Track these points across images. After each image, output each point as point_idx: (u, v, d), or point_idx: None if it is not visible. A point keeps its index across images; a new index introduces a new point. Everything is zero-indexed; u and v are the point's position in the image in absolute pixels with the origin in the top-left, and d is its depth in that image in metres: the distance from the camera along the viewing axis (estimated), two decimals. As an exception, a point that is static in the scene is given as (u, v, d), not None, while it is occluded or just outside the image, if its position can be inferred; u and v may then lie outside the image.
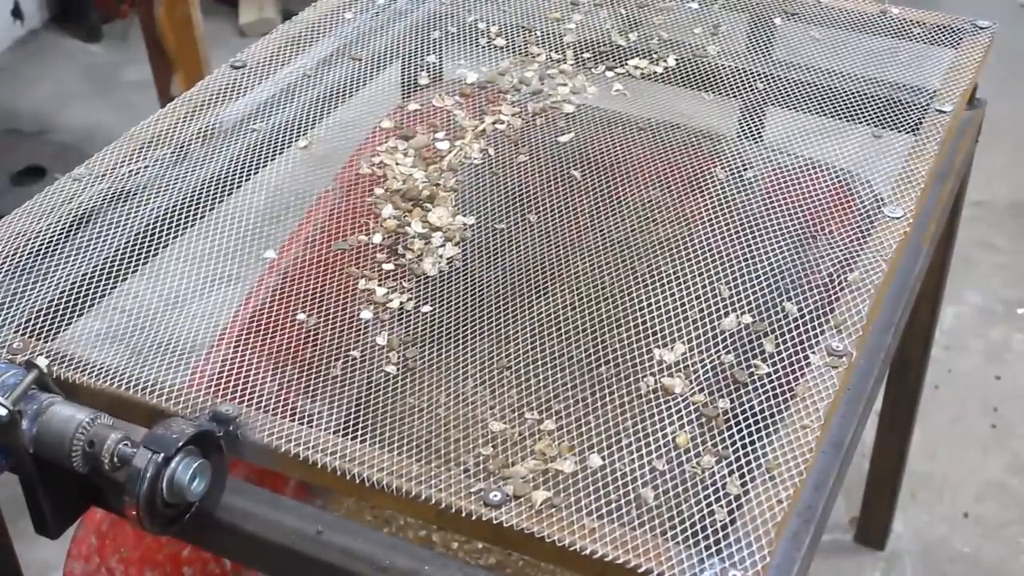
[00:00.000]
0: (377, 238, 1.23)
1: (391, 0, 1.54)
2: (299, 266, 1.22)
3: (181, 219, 1.19)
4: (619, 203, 1.30)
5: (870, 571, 2.02)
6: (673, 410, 1.00)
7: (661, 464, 0.96)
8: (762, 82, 1.42)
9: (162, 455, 0.84)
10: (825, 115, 1.36)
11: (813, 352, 0.99)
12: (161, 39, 2.60)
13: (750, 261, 1.16)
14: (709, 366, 1.05)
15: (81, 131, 3.15)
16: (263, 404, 0.95)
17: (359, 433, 0.96)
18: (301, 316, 1.14)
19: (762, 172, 1.29)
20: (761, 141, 1.38)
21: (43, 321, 1.05)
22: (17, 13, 3.59)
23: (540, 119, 1.37)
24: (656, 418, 0.99)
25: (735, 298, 1.12)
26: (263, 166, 1.27)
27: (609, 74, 1.44)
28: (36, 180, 2.87)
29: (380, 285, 1.18)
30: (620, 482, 0.93)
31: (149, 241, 1.16)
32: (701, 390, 1.03)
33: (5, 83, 3.39)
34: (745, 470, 0.91)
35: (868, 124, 1.35)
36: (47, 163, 2.93)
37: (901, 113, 1.34)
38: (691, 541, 0.84)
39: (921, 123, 1.29)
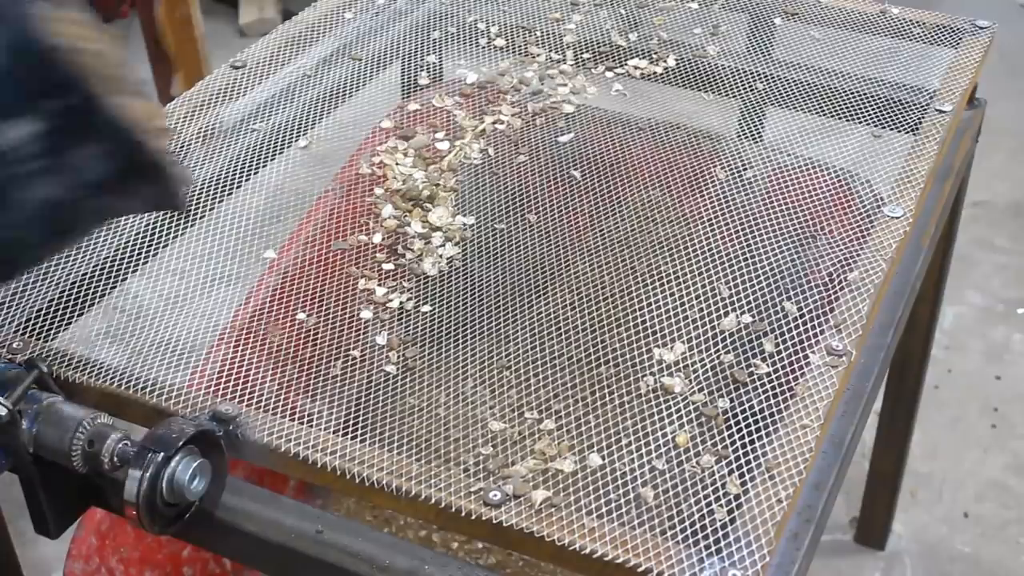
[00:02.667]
0: (377, 238, 1.23)
1: (391, 0, 1.54)
2: (299, 266, 1.22)
3: (181, 219, 1.19)
4: (619, 203, 1.30)
5: (870, 571, 2.02)
6: (673, 410, 1.00)
7: (661, 464, 0.96)
8: (762, 82, 1.42)
9: (162, 454, 0.84)
10: (825, 115, 1.36)
11: (813, 352, 0.99)
12: (161, 39, 2.60)
13: (750, 261, 1.16)
14: (709, 366, 1.05)
15: (81, 131, 3.14)
16: (263, 404, 0.96)
17: (359, 433, 0.96)
18: (301, 316, 1.14)
19: (762, 172, 1.29)
20: (761, 141, 1.38)
21: (43, 321, 1.05)
22: (17, 13, 3.59)
23: (540, 119, 1.37)
24: (656, 418, 0.99)
25: (735, 298, 1.12)
26: (263, 166, 1.27)
27: (609, 74, 1.44)
28: (36, 180, 2.86)
29: (380, 285, 1.18)
30: (620, 482, 0.93)
31: (149, 241, 1.16)
32: (701, 390, 1.03)
33: (5, 83, 3.39)
34: (745, 470, 0.91)
35: (868, 124, 1.35)
36: (47, 163, 2.93)
37: (901, 113, 1.33)
38: (691, 540, 0.84)
39: (921, 123, 1.29)
